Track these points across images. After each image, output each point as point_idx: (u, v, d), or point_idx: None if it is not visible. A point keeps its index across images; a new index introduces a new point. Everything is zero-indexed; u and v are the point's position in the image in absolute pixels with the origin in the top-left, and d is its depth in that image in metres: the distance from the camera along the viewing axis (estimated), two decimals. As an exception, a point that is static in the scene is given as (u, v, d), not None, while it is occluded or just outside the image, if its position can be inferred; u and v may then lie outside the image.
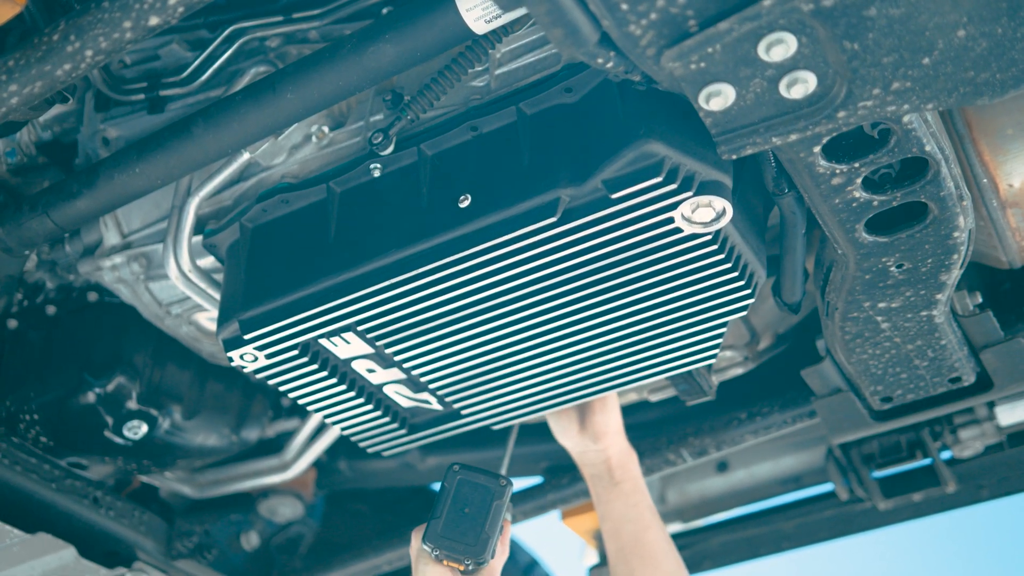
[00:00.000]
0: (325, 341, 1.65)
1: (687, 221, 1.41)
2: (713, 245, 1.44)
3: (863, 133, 1.32)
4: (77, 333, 2.10)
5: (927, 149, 1.31)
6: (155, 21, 1.36)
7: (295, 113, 1.50)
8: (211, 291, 1.79)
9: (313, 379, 1.73)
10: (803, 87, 1.18)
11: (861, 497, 2.31)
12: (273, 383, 1.74)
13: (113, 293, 2.05)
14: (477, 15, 1.37)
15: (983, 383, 1.87)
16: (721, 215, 1.40)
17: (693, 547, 2.59)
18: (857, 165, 1.33)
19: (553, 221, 1.43)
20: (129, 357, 2.08)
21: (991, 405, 2.12)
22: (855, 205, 1.39)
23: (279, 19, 1.76)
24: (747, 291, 1.54)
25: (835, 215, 1.41)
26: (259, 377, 1.74)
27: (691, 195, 1.37)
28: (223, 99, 1.55)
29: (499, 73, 1.58)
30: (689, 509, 2.67)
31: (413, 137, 1.61)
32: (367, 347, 1.68)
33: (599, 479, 1.96)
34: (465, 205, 1.50)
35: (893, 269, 1.52)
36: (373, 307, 1.58)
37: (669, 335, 1.63)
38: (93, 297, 2.13)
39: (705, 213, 1.40)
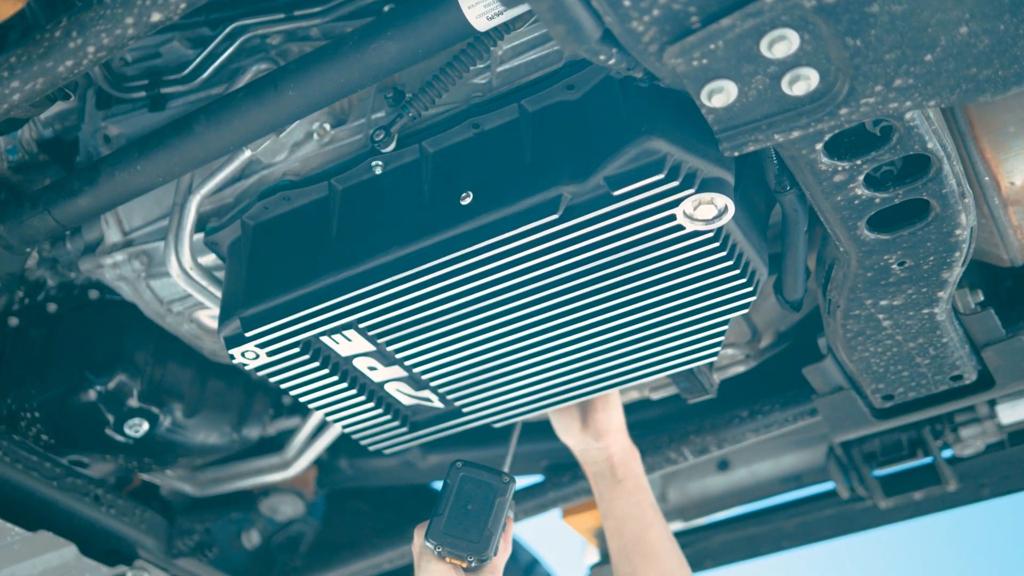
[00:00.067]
0: (326, 339, 1.65)
1: (689, 218, 1.41)
2: (715, 242, 1.44)
3: (865, 130, 1.32)
4: (78, 331, 2.10)
5: (929, 146, 1.31)
6: (157, 17, 1.36)
7: (297, 110, 1.50)
8: (212, 289, 1.79)
9: (314, 377, 1.73)
10: (805, 84, 1.17)
11: (862, 496, 2.31)
12: (274, 381, 1.74)
13: (114, 291, 2.05)
14: (479, 12, 1.37)
15: (984, 381, 1.87)
16: (723, 212, 1.40)
17: (694, 546, 2.59)
18: (859, 162, 1.33)
19: (555, 218, 1.43)
20: (130, 355, 2.08)
21: (992, 403, 2.12)
22: (857, 202, 1.39)
23: (280, 16, 1.76)
24: (749, 289, 1.54)
25: (837, 212, 1.41)
26: (260, 375, 1.74)
27: (693, 192, 1.37)
28: (224, 96, 1.55)
29: (501, 70, 1.58)
30: (690, 507, 2.67)
31: (415, 134, 1.61)
32: (368, 344, 1.68)
33: (601, 477, 1.96)
34: (467, 202, 1.50)
35: (895, 267, 1.52)
36: (374, 305, 1.58)
37: (671, 332, 1.63)
38: (94, 295, 2.14)
39: (707, 210, 1.40)
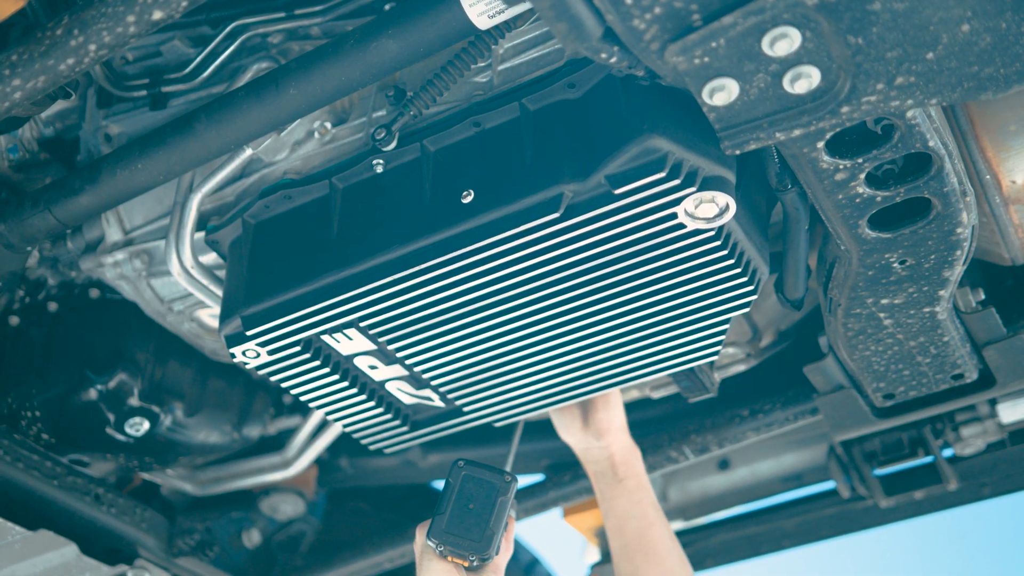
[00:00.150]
0: (327, 337, 1.65)
1: (690, 217, 1.41)
2: (716, 241, 1.44)
3: (866, 129, 1.32)
4: (79, 330, 2.10)
5: (930, 145, 1.31)
6: (158, 15, 1.36)
7: (297, 109, 1.50)
8: (213, 287, 1.79)
9: (315, 375, 1.73)
10: (807, 82, 1.17)
11: (863, 495, 2.31)
12: (275, 380, 1.74)
13: (115, 290, 2.05)
14: (480, 10, 1.37)
15: (985, 380, 1.87)
16: (724, 211, 1.40)
17: (695, 545, 2.59)
18: (860, 161, 1.32)
19: (556, 217, 1.43)
20: (131, 354, 2.08)
21: (993, 402, 2.11)
22: (858, 201, 1.39)
23: (281, 15, 1.76)
24: (750, 287, 1.54)
25: (838, 211, 1.41)
26: (261, 374, 1.74)
27: (694, 191, 1.37)
28: (225, 95, 1.55)
29: (502, 69, 1.58)
30: (691, 507, 2.67)
31: (416, 133, 1.61)
32: (369, 343, 1.68)
33: (603, 476, 1.96)
34: (468, 201, 1.50)
35: (896, 265, 1.52)
36: (375, 303, 1.58)
37: (672, 331, 1.63)
38: (95, 294, 2.14)
39: (708, 209, 1.40)
